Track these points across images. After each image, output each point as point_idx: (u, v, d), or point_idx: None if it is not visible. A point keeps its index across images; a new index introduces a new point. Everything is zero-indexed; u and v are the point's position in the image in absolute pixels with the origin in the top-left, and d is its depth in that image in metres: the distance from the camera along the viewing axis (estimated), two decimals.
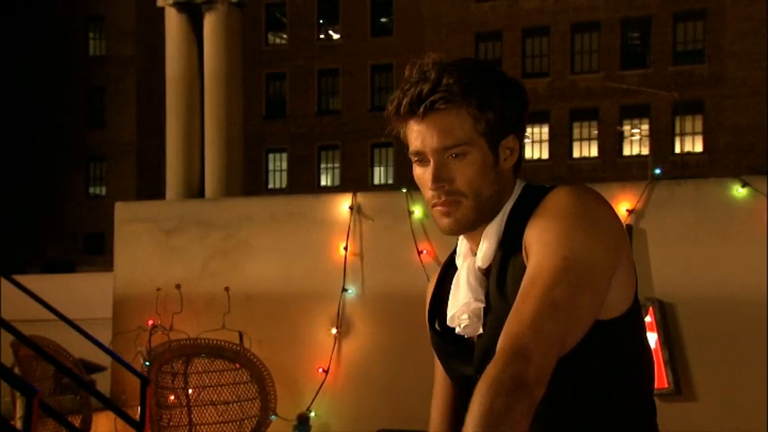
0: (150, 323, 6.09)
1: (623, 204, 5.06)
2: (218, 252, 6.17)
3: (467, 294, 1.61)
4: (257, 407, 5.69)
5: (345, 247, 5.80)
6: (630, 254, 1.61)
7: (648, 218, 5.02)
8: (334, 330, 5.80)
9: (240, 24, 6.83)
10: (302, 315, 5.92)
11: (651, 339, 4.28)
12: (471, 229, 1.63)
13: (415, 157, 1.62)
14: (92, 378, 6.39)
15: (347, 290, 5.79)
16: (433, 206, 1.62)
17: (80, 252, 35.80)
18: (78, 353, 5.99)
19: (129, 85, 38.23)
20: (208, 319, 6.01)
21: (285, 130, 35.17)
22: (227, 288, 6.00)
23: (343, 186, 32.93)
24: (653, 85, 30.91)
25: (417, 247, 5.61)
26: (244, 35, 7.32)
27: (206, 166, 6.69)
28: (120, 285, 6.41)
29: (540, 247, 1.49)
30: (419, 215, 5.66)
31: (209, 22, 6.64)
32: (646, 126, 33.16)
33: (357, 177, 34.12)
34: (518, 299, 1.47)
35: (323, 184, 35.45)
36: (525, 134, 1.66)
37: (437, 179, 1.59)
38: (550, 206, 1.54)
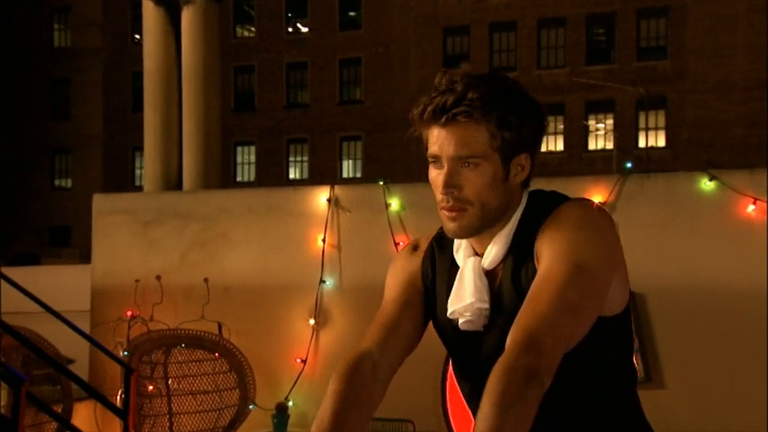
0: (129, 314, 6.14)
1: (595, 197, 5.20)
2: (196, 244, 6.23)
3: (472, 294, 1.74)
4: (236, 396, 5.76)
5: (323, 239, 5.89)
6: (623, 257, 1.77)
7: (620, 211, 5.16)
8: (311, 321, 5.89)
9: (218, 19, 6.89)
10: (280, 306, 6.00)
11: None
12: (475, 234, 1.75)
13: (432, 160, 1.74)
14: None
15: (325, 281, 5.88)
16: (442, 209, 1.74)
17: (45, 245, 35.48)
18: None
19: (96, 77, 37.89)
20: (186, 310, 6.07)
21: (254, 124, 35.10)
22: (206, 279, 6.07)
23: (312, 180, 32.95)
24: (617, 81, 31.24)
25: (394, 238, 5.71)
26: None
27: (184, 158, 6.74)
28: (99, 277, 6.46)
29: (552, 253, 1.64)
30: (396, 207, 5.77)
31: (186, 16, 6.68)
32: (610, 121, 33.53)
33: (326, 171, 34.14)
34: (530, 297, 1.60)
35: (291, 177, 35.43)
36: (539, 153, 1.78)
37: (448, 185, 1.70)
38: (562, 219, 1.68)
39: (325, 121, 34.95)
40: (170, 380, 5.79)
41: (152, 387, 5.75)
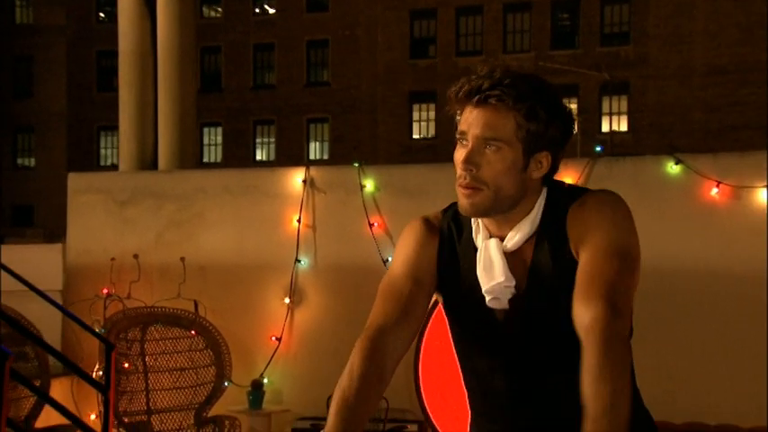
0: (105, 292, 6.20)
1: (566, 180, 5.33)
2: (172, 223, 6.29)
3: (502, 273, 1.84)
4: (212, 373, 5.85)
5: (298, 220, 5.98)
6: None
7: None
8: (287, 300, 5.99)
9: None
10: (256, 285, 6.09)
11: None
12: (485, 215, 1.86)
13: (459, 137, 1.84)
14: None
15: (300, 261, 5.98)
16: (459, 185, 1.83)
17: (8, 225, 35.10)
18: None
19: (59, 55, 37.41)
20: (162, 289, 6.14)
21: (220, 105, 34.92)
22: (182, 258, 6.14)
23: (279, 161, 32.88)
24: (582, 66, 31.52)
25: (368, 219, 5.82)
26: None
27: (159, 138, 6.78)
28: (74, 255, 6.49)
29: (600, 239, 1.77)
30: (371, 189, 5.87)
31: None
32: (574, 105, 33.81)
33: (293, 152, 34.10)
34: (595, 271, 1.73)
35: (258, 158, 35.35)
36: (561, 156, 1.88)
37: (468, 161, 1.81)
38: (601, 208, 1.83)
39: (292, 102, 34.87)
40: (146, 357, 5.87)
41: (128, 364, 5.82)
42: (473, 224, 1.91)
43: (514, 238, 1.86)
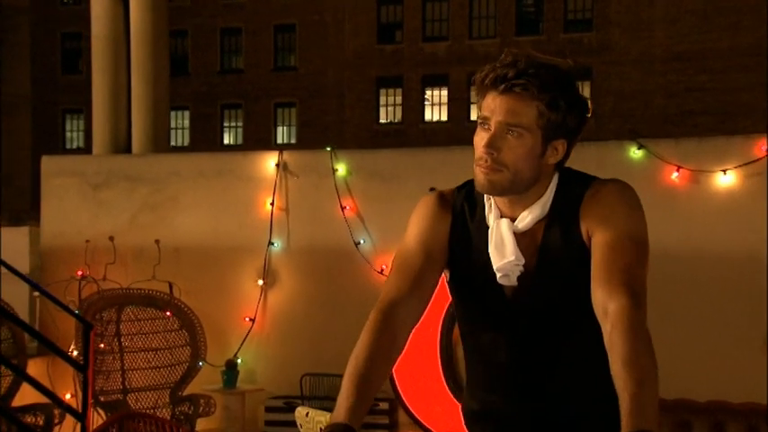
0: (80, 274, 6.27)
1: None
2: (146, 206, 6.38)
3: (513, 252, 1.94)
4: (187, 353, 5.96)
5: (272, 203, 6.09)
6: None
7: None
8: (260, 282, 6.11)
9: None
10: (230, 267, 6.20)
11: None
12: (501, 194, 1.95)
13: (481, 121, 1.94)
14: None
15: (273, 243, 6.09)
16: (478, 165, 1.93)
17: None
18: None
19: (23, 37, 36.91)
20: (137, 271, 6.23)
21: (187, 89, 34.71)
22: (157, 241, 6.23)
23: (246, 146, 32.81)
24: (546, 52, 30.33)
25: (341, 202, 5.95)
26: None
27: (133, 122, 6.84)
28: (48, 238, 6.56)
29: (620, 225, 1.88)
30: (343, 173, 6.00)
31: None
32: None
33: (260, 137, 34.03)
34: (616, 257, 1.83)
35: (226, 142, 35.21)
36: (575, 144, 1.98)
37: (490, 145, 1.90)
38: (621, 196, 1.93)
39: (259, 86, 34.76)
40: (122, 337, 5.96)
41: (104, 344, 5.91)
42: (486, 203, 2.01)
43: (526, 219, 1.96)
